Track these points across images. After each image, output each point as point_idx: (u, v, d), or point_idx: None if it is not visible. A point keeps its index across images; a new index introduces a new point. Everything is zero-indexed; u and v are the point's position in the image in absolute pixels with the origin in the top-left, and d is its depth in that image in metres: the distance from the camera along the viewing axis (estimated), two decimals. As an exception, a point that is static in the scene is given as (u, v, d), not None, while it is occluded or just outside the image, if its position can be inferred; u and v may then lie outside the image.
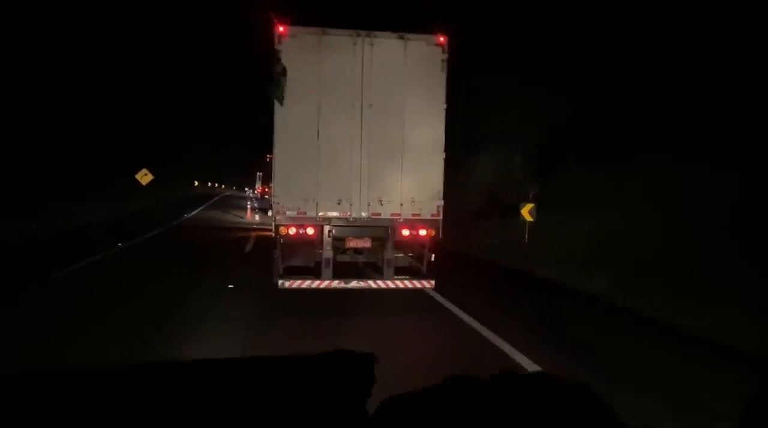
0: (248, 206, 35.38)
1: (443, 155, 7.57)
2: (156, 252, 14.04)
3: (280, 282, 7.44)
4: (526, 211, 13.20)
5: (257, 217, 28.30)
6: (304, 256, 7.78)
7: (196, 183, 66.88)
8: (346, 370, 1.21)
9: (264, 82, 7.34)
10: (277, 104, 7.17)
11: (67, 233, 16.19)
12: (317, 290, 7.50)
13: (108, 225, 19.46)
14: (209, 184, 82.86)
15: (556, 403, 0.99)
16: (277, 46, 7.15)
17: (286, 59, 7.17)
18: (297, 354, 1.25)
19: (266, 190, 35.34)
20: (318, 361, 1.24)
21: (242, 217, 29.71)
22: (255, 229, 21.14)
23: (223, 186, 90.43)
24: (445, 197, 7.66)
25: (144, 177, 22.16)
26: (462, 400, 0.95)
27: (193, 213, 30.46)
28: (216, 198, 54.79)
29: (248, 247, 15.35)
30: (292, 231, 7.46)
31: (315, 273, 7.60)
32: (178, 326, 6.51)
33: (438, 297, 8.30)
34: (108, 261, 11.88)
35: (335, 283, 7.51)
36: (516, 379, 1.04)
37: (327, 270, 7.51)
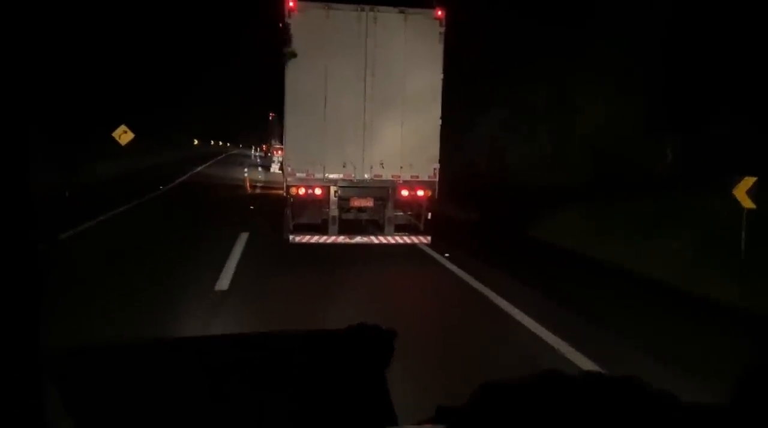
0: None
1: (440, 122, 8.25)
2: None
3: (290, 237, 8.23)
4: (743, 192, 7.33)
5: (261, 175, 28.88)
6: (312, 214, 8.52)
7: (196, 141, 65.14)
8: (368, 345, 1.27)
9: (276, 53, 7.96)
10: (287, 78, 7.82)
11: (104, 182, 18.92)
12: (324, 244, 8.29)
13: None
14: (213, 142, 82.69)
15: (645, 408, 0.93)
16: (287, 20, 7.74)
17: (295, 31, 7.77)
18: (320, 330, 1.29)
19: (268, 148, 35.71)
20: (341, 336, 1.28)
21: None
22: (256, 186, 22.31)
23: (228, 144, 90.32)
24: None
25: (123, 135, 18.48)
26: (562, 396, 0.89)
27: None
28: (219, 157, 53.46)
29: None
30: (302, 191, 8.20)
31: (322, 229, 8.38)
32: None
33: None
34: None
35: (341, 239, 8.30)
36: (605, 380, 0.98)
37: (333, 227, 8.29)
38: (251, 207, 14.90)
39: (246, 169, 19.75)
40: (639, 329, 5.40)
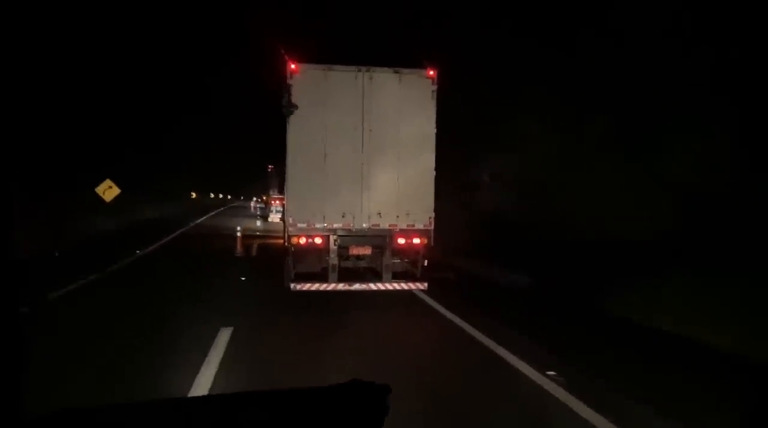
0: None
1: (434, 174, 8.68)
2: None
3: (292, 285, 8.52)
4: None
5: (259, 223, 29.56)
6: (312, 262, 8.84)
7: (194, 194, 64.44)
8: (361, 402, 1.24)
9: (278, 110, 8.48)
10: (289, 134, 8.31)
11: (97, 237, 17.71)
12: (324, 292, 8.57)
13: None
14: (213, 194, 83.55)
15: None
16: (289, 81, 8.28)
17: (296, 91, 8.30)
18: (311, 387, 1.27)
19: (265, 199, 36.39)
20: (333, 393, 1.25)
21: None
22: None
23: (229, 196, 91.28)
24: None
25: (108, 191, 17.23)
26: None
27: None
28: (218, 210, 52.01)
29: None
30: (303, 240, 8.55)
31: (322, 277, 8.67)
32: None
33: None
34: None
35: (340, 286, 8.60)
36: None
37: (333, 275, 8.59)
38: (242, 277, 11.64)
39: (239, 228, 17.09)
40: None
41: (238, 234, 16.78)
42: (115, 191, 17.41)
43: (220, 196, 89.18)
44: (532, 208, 13.26)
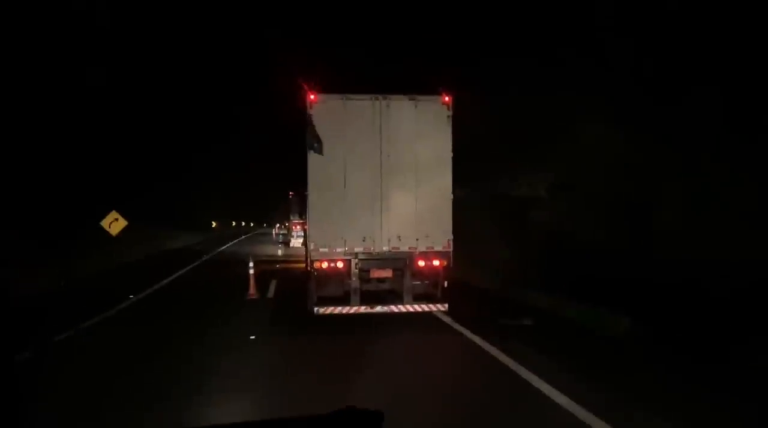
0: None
1: (451, 197, 8.88)
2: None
3: (315, 309, 8.74)
4: None
5: (280, 251, 29.79)
6: (335, 287, 9.03)
7: (214, 223, 63.32)
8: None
9: (303, 139, 8.79)
10: (310, 161, 8.60)
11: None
12: (347, 315, 8.76)
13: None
14: (234, 222, 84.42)
15: None
16: (309, 111, 8.61)
17: (316, 120, 8.61)
18: (308, 416, 1.27)
19: (287, 224, 37.01)
20: (328, 421, 1.25)
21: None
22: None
23: (252, 224, 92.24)
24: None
25: (114, 223, 15.80)
26: None
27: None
28: (239, 238, 48.87)
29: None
30: (325, 265, 8.78)
31: (344, 301, 8.87)
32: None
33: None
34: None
35: (363, 309, 8.78)
36: None
37: (355, 298, 8.79)
38: (251, 337, 8.60)
39: (251, 263, 13.21)
40: None
41: (251, 270, 12.90)
42: (122, 223, 15.86)
43: (243, 223, 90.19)
44: (611, 227, 10.61)
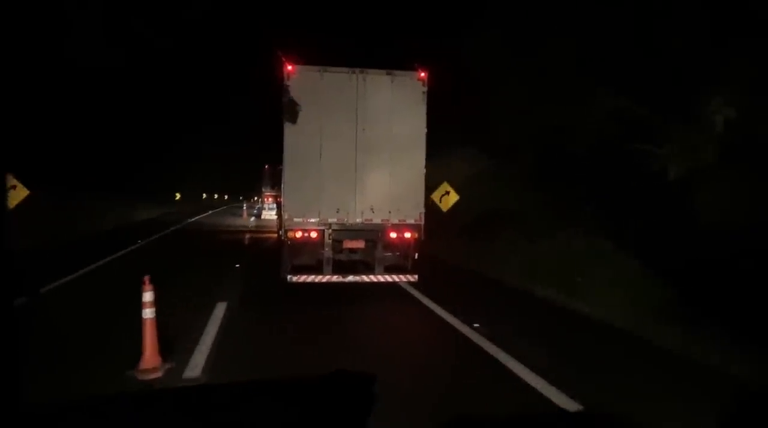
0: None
1: (424, 171, 9.10)
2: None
3: (288, 277, 8.93)
4: None
5: (252, 220, 30.36)
6: (308, 256, 9.24)
7: (178, 196, 55.41)
8: (347, 391, 1.24)
9: (276, 110, 8.89)
10: (286, 132, 8.72)
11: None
12: (319, 283, 8.98)
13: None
14: (205, 195, 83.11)
15: None
16: (286, 82, 8.70)
17: (293, 92, 8.72)
18: (298, 376, 1.29)
19: (260, 198, 37.18)
20: (320, 383, 1.26)
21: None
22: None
23: (226, 197, 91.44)
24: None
25: (12, 193, 12.25)
26: None
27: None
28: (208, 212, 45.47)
29: None
30: (299, 234, 8.96)
31: (317, 269, 9.08)
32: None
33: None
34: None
35: (335, 278, 9.01)
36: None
37: (327, 267, 9.01)
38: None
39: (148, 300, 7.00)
40: None
41: (147, 314, 5.60)
42: (21, 193, 12.39)
43: (216, 196, 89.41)
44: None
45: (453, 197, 13.94)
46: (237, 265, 12.30)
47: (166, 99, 35.86)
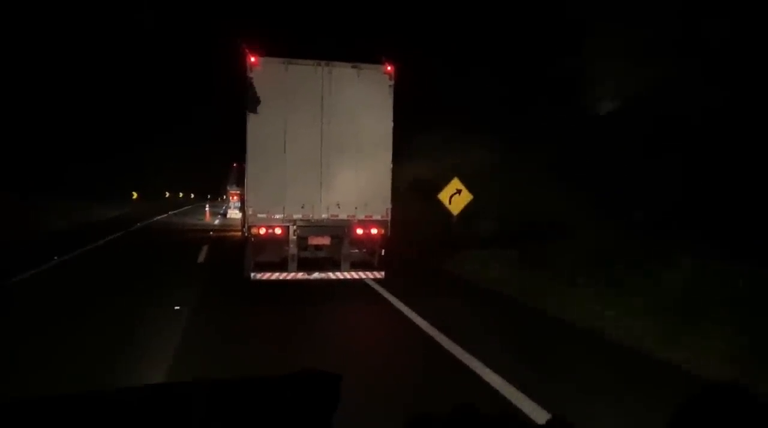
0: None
1: (391, 166, 8.97)
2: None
3: (252, 274, 8.69)
4: None
5: (216, 221, 29.55)
6: (272, 253, 9.01)
7: (135, 195, 51.51)
8: (312, 391, 1.22)
9: (239, 104, 8.62)
10: (249, 126, 8.46)
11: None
12: (284, 281, 8.76)
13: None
14: (168, 193, 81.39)
15: None
16: (249, 74, 8.45)
17: (257, 84, 8.47)
18: (263, 376, 1.25)
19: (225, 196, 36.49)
20: (284, 382, 1.24)
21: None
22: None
23: (192, 195, 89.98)
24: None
25: None
26: None
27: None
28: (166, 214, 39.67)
29: None
30: (263, 231, 8.73)
31: (281, 267, 8.86)
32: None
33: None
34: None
35: (300, 275, 8.80)
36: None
37: (292, 264, 8.80)
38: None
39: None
40: None
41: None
42: None
43: (181, 195, 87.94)
44: None
45: (465, 197, 12.17)
46: (177, 308, 7.89)
47: (127, 98, 35.15)
